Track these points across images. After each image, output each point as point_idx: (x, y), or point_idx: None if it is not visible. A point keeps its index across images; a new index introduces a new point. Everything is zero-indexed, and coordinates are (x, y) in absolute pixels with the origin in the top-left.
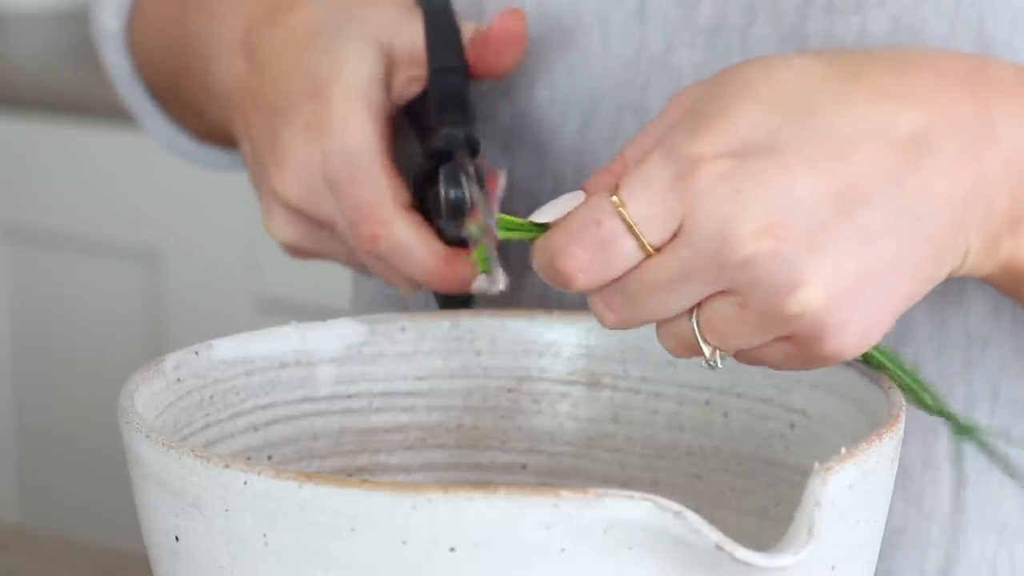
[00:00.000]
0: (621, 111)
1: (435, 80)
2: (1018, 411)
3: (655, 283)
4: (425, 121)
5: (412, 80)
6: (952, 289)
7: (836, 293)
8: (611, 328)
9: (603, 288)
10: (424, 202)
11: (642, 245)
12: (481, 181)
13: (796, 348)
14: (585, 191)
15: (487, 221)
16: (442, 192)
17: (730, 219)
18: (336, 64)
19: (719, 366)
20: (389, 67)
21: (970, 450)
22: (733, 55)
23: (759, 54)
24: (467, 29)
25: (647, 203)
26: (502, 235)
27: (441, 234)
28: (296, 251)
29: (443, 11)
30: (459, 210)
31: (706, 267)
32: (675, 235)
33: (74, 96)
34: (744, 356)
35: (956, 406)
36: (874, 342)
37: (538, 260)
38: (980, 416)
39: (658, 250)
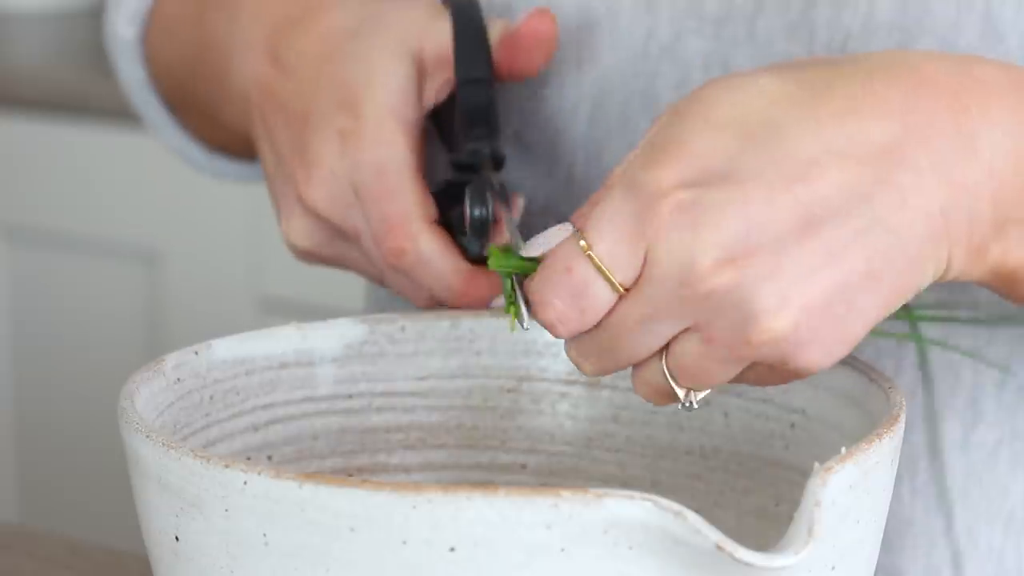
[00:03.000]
0: (630, 101)
1: (462, 92)
2: None
3: (625, 325)
4: (451, 129)
5: (445, 83)
6: None
7: (800, 316)
8: (590, 376)
9: (577, 336)
10: (447, 217)
11: (613, 286)
12: (506, 197)
13: (765, 370)
14: (574, 223)
15: (512, 241)
16: (467, 210)
17: (689, 253)
18: (369, 73)
19: (695, 407)
20: (420, 73)
21: (977, 439)
22: (740, 44)
23: (766, 43)
24: (495, 29)
25: (613, 242)
26: (492, 266)
27: (464, 251)
28: (310, 257)
29: (471, 14)
30: (483, 228)
31: (670, 303)
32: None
33: (74, 96)
34: None
35: (963, 393)
36: (844, 354)
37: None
38: (987, 403)
39: (628, 290)
